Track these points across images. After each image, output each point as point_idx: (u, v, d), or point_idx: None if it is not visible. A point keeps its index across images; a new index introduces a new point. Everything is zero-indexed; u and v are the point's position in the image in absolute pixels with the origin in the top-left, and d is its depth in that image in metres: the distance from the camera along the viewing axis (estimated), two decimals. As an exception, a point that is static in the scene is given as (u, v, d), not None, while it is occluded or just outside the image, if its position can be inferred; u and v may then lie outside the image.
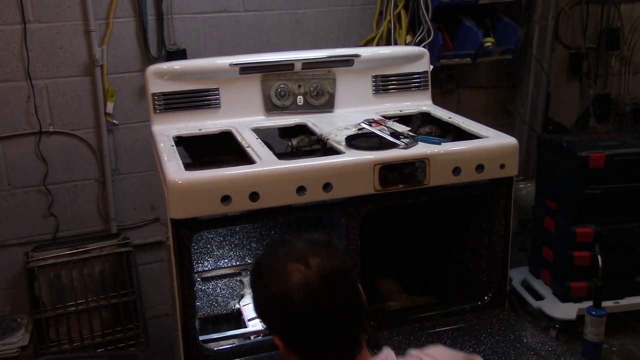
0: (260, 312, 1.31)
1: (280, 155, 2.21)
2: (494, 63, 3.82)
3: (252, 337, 2.30)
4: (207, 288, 2.78)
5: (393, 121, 2.35)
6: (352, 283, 1.26)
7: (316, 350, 1.24)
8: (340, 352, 1.24)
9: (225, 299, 2.79)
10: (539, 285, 3.51)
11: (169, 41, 3.18)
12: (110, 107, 3.14)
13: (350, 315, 1.24)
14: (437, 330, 2.22)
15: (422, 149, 2.13)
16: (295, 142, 2.46)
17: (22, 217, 3.15)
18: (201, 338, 2.07)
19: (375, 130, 2.23)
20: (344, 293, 1.23)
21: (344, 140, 2.19)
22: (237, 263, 2.93)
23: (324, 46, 3.41)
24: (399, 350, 1.40)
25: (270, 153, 2.14)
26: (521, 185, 3.84)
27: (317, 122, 2.49)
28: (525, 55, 3.75)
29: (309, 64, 2.60)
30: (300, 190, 1.98)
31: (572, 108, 4.22)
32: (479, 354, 2.07)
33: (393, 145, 2.13)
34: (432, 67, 2.81)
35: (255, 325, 2.36)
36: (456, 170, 2.13)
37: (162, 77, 2.46)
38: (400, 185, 2.09)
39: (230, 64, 2.52)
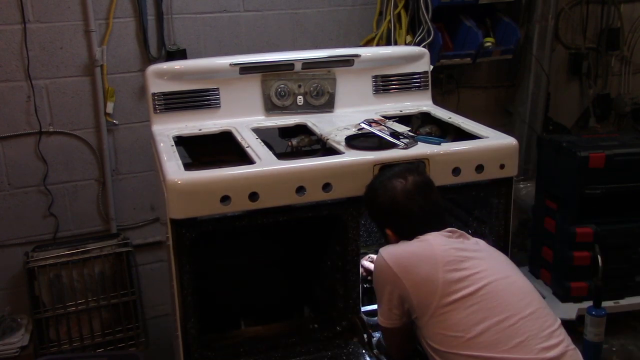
0: (375, 215, 1.97)
1: (280, 155, 2.21)
2: (494, 63, 3.82)
3: None
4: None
5: (393, 121, 2.35)
6: (435, 190, 1.91)
7: (413, 231, 1.84)
8: (428, 230, 1.84)
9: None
10: (539, 285, 3.51)
11: (169, 41, 3.18)
12: (110, 107, 3.14)
13: (433, 209, 1.89)
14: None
15: (421, 149, 2.12)
16: (295, 142, 2.46)
17: (22, 217, 3.15)
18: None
19: (375, 130, 2.23)
20: (430, 196, 1.89)
21: (343, 140, 2.19)
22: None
23: (324, 46, 3.41)
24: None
25: (270, 153, 2.14)
26: (521, 185, 3.84)
27: (317, 122, 2.48)
28: (525, 55, 3.76)
29: (309, 64, 2.59)
30: (300, 190, 1.98)
31: (572, 108, 4.22)
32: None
33: (393, 146, 2.13)
34: (432, 67, 2.81)
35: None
36: (456, 171, 2.13)
37: (162, 77, 2.46)
38: (400, 186, 2.09)
39: (230, 64, 2.52)
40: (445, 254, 1.77)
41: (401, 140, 2.15)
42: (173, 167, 1.99)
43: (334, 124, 2.42)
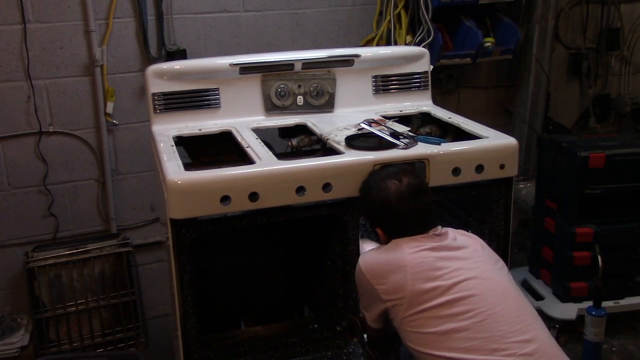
0: (367, 213, 2.01)
1: (280, 155, 2.21)
2: (494, 63, 3.82)
3: None
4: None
5: (393, 121, 2.35)
6: (427, 193, 1.92)
7: (402, 233, 1.88)
8: (416, 232, 1.87)
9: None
10: (539, 286, 3.51)
11: (169, 41, 3.18)
12: (110, 107, 3.14)
13: (424, 212, 1.90)
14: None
15: (421, 149, 2.13)
16: (295, 142, 2.46)
17: (22, 217, 3.15)
18: None
19: (374, 130, 2.23)
20: (422, 199, 1.89)
21: (343, 140, 2.19)
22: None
23: (324, 46, 3.41)
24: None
25: (270, 153, 2.14)
26: (521, 185, 3.84)
27: (317, 122, 2.49)
28: (525, 55, 3.75)
29: (309, 64, 2.59)
30: (300, 190, 1.98)
31: (572, 108, 4.22)
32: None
33: (392, 146, 2.13)
34: (432, 67, 2.81)
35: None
36: (456, 171, 2.13)
37: (162, 77, 2.46)
38: (400, 186, 2.09)
39: (230, 64, 2.52)
40: (415, 262, 1.80)
41: (401, 140, 2.15)
42: (173, 167, 1.99)
43: (334, 124, 2.42)
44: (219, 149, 2.45)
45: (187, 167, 2.06)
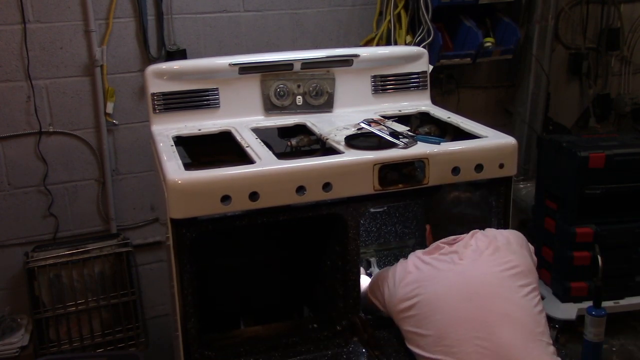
0: (428, 209, 2.38)
1: (280, 155, 2.21)
2: (494, 63, 3.82)
3: None
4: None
5: (392, 121, 2.35)
6: (474, 204, 2.23)
7: (444, 233, 2.09)
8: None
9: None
10: (539, 285, 3.51)
11: (169, 41, 3.18)
12: (110, 107, 3.15)
13: (464, 217, 2.16)
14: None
15: (421, 148, 2.13)
16: (294, 142, 2.46)
17: (22, 217, 3.15)
18: None
19: (374, 130, 2.23)
20: (473, 207, 2.21)
21: (343, 140, 2.19)
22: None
23: (324, 46, 3.41)
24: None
25: (270, 153, 2.14)
26: (521, 185, 3.84)
27: (317, 122, 2.49)
28: (525, 55, 3.76)
29: (308, 64, 2.59)
30: (300, 190, 1.98)
31: (572, 108, 4.22)
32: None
33: (392, 145, 2.13)
34: (431, 67, 2.81)
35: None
36: (455, 170, 2.13)
37: (161, 77, 2.46)
38: (400, 185, 2.09)
39: (229, 64, 2.52)
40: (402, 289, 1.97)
41: (401, 139, 2.15)
42: (173, 167, 1.99)
43: (333, 124, 2.42)
44: (219, 149, 2.45)
45: (187, 167, 2.06)
